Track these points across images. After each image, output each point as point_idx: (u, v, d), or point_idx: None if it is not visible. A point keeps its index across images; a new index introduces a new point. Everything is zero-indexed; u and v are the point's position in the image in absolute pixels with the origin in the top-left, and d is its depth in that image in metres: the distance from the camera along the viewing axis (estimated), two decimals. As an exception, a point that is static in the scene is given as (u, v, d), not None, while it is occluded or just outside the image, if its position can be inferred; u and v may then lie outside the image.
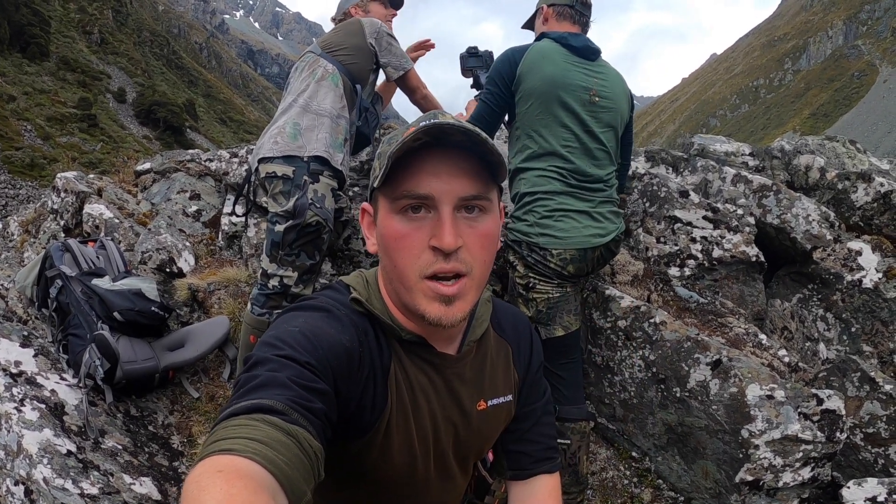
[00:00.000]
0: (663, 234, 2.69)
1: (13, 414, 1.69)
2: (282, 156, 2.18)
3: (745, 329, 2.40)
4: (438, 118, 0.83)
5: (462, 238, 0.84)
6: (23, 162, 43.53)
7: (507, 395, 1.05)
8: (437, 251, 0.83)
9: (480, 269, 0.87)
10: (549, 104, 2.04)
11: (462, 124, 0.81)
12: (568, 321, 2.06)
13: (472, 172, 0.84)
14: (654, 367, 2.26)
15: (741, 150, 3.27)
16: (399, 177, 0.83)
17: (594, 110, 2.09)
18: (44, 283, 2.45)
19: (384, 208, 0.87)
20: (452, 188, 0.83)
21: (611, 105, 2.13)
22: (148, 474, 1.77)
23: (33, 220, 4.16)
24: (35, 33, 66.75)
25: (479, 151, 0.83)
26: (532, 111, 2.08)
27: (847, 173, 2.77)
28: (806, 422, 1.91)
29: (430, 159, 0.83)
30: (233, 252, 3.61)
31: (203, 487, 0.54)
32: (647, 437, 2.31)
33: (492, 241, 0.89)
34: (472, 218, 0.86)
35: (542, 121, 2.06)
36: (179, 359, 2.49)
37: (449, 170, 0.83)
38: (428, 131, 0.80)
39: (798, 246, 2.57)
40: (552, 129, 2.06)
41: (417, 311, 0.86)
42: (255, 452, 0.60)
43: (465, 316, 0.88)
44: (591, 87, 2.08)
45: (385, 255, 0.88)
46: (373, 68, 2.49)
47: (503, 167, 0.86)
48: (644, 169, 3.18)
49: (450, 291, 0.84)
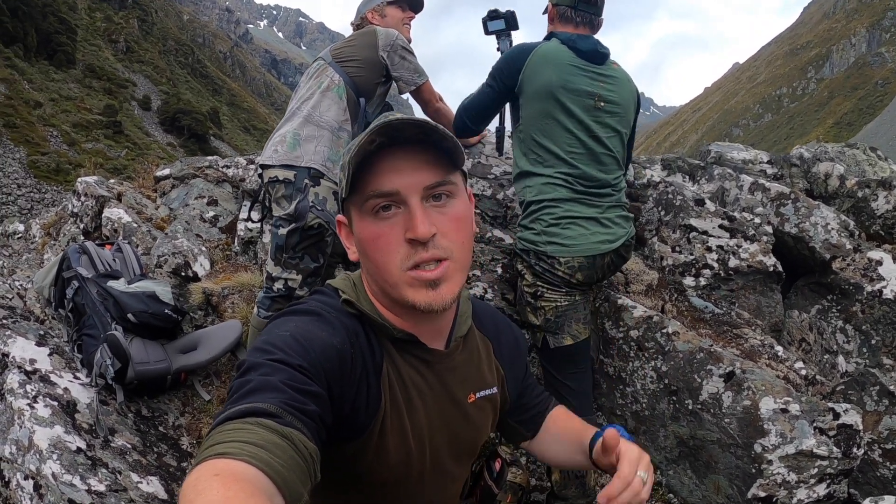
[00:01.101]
0: (678, 243, 2.65)
1: (26, 410, 1.73)
2: (280, 164, 2.21)
3: (760, 341, 2.35)
4: (388, 118, 0.86)
5: (436, 226, 0.86)
6: (48, 167, 44.58)
7: (492, 387, 1.08)
8: (414, 243, 0.85)
9: (460, 251, 0.90)
10: (553, 110, 2.01)
11: (411, 119, 0.84)
12: (577, 330, 2.02)
13: (432, 161, 0.87)
14: (666, 379, 2.22)
15: (759, 157, 3.23)
16: (363, 180, 0.86)
17: (599, 116, 2.04)
18: (61, 283, 2.49)
19: (356, 215, 0.90)
20: (416, 180, 0.85)
21: (617, 110, 2.09)
22: (156, 474, 1.79)
23: (54, 223, 4.26)
24: (62, 41, 68.45)
25: (433, 140, 0.86)
26: (536, 116, 2.04)
27: (867, 181, 2.72)
28: (821, 437, 1.87)
29: (388, 158, 0.85)
30: (248, 257, 3.65)
31: (200, 491, 0.55)
32: (658, 450, 2.26)
33: (465, 223, 0.91)
34: (441, 204, 0.88)
35: (546, 126, 2.03)
36: (191, 361, 2.51)
37: (409, 164, 0.86)
38: (380, 132, 0.83)
39: (817, 255, 2.52)
40: (556, 134, 2.02)
41: (406, 302, 0.88)
42: (251, 455, 0.61)
43: (455, 298, 0.90)
44: (596, 93, 2.04)
45: (365, 257, 0.91)
46: (381, 81, 2.45)
47: (459, 150, 0.89)
48: (660, 177, 3.15)
49: (433, 275, 0.86)
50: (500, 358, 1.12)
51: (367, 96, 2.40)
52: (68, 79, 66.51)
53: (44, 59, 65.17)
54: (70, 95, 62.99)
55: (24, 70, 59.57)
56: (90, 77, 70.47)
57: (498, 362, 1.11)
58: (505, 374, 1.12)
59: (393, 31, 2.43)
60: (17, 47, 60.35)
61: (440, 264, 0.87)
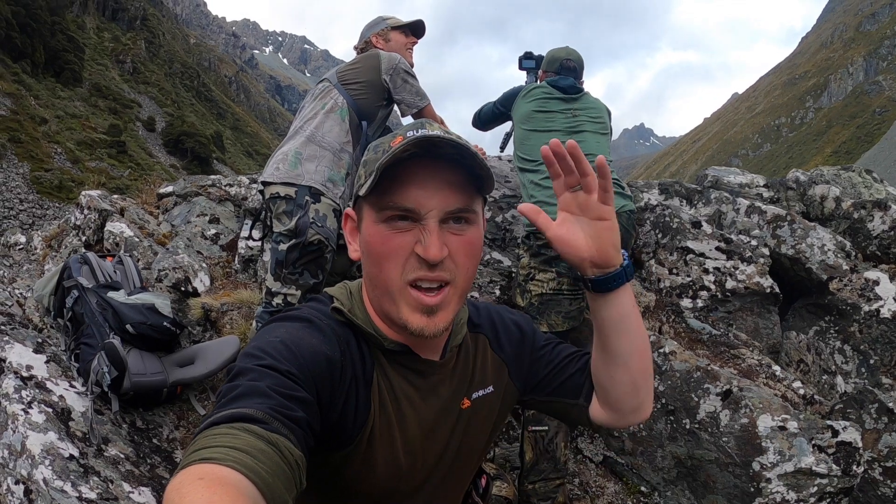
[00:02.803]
0: (675, 266, 2.67)
1: (20, 415, 1.72)
2: (281, 182, 2.26)
3: (758, 361, 2.35)
4: (426, 129, 0.84)
5: (447, 247, 0.84)
6: (51, 183, 44.83)
7: (487, 386, 1.04)
8: (421, 259, 0.83)
9: (464, 277, 0.88)
10: (535, 121, 2.54)
11: (451, 137, 0.81)
12: (555, 321, 2.22)
13: (459, 185, 0.85)
14: (663, 398, 2.21)
15: (755, 181, 3.26)
16: (386, 187, 0.83)
17: (576, 122, 2.51)
18: (61, 293, 2.50)
19: (369, 217, 0.88)
20: (439, 202, 0.83)
21: (593, 114, 2.54)
22: (148, 485, 1.78)
23: (56, 235, 4.28)
24: (69, 59, 69.37)
25: (468, 165, 0.84)
26: (523, 128, 2.58)
27: (863, 202, 2.75)
28: (820, 454, 1.85)
29: (418, 171, 0.83)
30: (248, 275, 3.66)
31: (183, 495, 0.55)
32: (656, 470, 2.24)
33: (476, 249, 0.89)
34: (458, 228, 0.86)
35: (532, 135, 2.52)
36: (188, 375, 2.50)
37: (436, 183, 0.83)
38: (418, 143, 0.80)
39: (814, 276, 2.53)
40: (540, 139, 2.44)
41: (400, 321, 0.86)
42: (236, 461, 0.60)
43: (448, 326, 0.88)
44: (571, 108, 2.54)
45: (368, 260, 0.89)
46: (383, 104, 2.51)
47: (490, 180, 0.87)
48: (657, 201, 3.18)
49: (433, 301, 0.85)
50: (500, 350, 1.08)
51: (369, 119, 2.45)
52: (74, 97, 67.24)
53: (51, 76, 66.00)
54: (75, 113, 63.63)
55: (31, 86, 60.29)
56: (96, 96, 71.27)
57: (497, 355, 1.07)
58: (508, 364, 1.08)
59: (396, 56, 2.49)
60: (24, 63, 61.16)
61: (441, 290, 0.85)
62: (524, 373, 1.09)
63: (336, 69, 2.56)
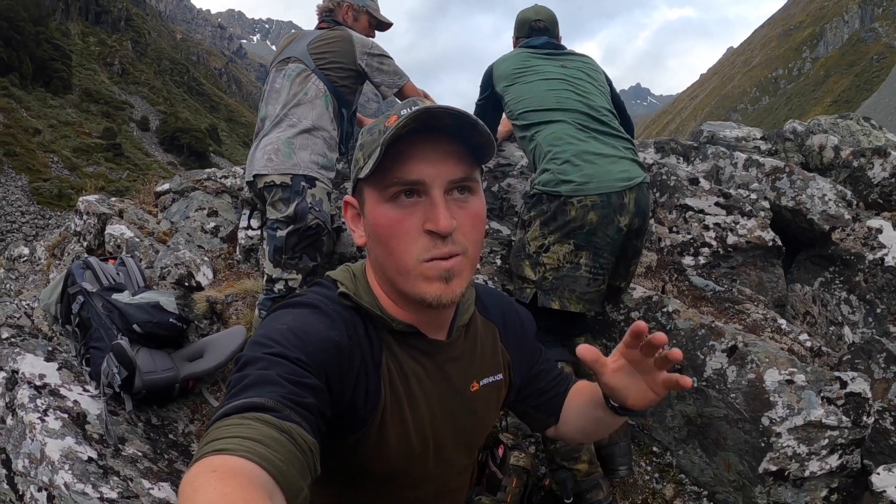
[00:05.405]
0: (675, 224, 2.66)
1: (37, 423, 1.75)
2: (277, 172, 2.28)
3: (763, 315, 2.35)
4: (420, 104, 0.83)
5: (455, 220, 0.84)
6: (51, 193, 44.91)
7: (497, 374, 1.06)
8: (432, 235, 0.83)
9: (474, 248, 0.88)
10: (519, 75, 2.25)
11: (450, 108, 0.81)
12: (568, 299, 1.95)
13: (460, 155, 0.85)
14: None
15: (752, 134, 3.22)
16: (387, 165, 0.83)
17: (569, 72, 2.24)
18: (66, 300, 2.52)
19: (372, 198, 0.87)
20: (442, 172, 0.83)
21: (588, 69, 2.29)
22: (167, 480, 1.81)
23: (58, 243, 4.29)
24: (57, 67, 68.88)
25: (468, 134, 0.84)
26: (514, 94, 2.25)
27: (862, 150, 2.71)
28: (830, 406, 1.86)
29: (418, 144, 0.83)
30: (250, 265, 3.67)
31: (197, 488, 0.55)
32: (666, 430, 2.26)
33: (481, 220, 0.90)
34: (463, 199, 0.86)
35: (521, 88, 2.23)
36: (198, 369, 2.52)
37: (438, 154, 0.83)
38: (417, 117, 0.80)
39: (816, 227, 2.51)
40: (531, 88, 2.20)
41: (416, 295, 0.86)
42: (249, 451, 0.60)
43: (463, 293, 0.88)
44: (558, 60, 2.29)
45: (378, 243, 0.88)
46: (358, 87, 2.53)
47: (490, 148, 0.86)
48: (653, 159, 3.15)
49: (449, 265, 0.85)
50: (507, 343, 1.09)
51: (347, 107, 2.49)
52: (66, 104, 66.93)
53: (40, 86, 65.66)
54: (68, 121, 63.39)
55: (22, 98, 60.03)
56: (87, 101, 70.93)
57: (504, 347, 1.09)
58: (511, 359, 1.10)
59: (368, 39, 2.51)
60: (13, 76, 60.85)
61: (454, 257, 0.86)
62: (521, 374, 1.13)
63: (306, 45, 2.47)
